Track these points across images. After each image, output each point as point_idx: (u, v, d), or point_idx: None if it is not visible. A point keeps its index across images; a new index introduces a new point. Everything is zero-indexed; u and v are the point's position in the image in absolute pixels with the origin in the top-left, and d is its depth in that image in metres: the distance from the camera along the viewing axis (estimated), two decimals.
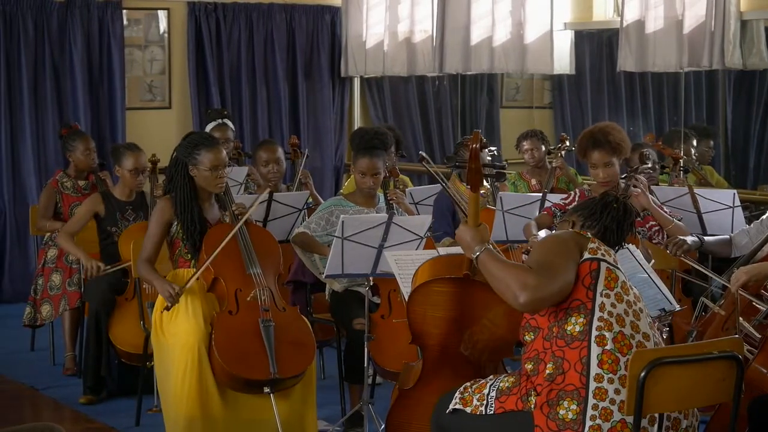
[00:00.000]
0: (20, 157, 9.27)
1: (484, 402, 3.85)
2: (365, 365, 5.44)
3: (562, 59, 9.11)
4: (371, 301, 5.54)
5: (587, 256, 3.78)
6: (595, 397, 3.66)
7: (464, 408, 3.89)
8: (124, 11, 9.66)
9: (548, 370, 3.72)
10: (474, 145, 3.93)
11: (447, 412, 3.94)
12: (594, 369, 3.67)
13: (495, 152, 7.14)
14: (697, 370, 3.68)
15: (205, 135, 5.70)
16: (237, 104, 10.09)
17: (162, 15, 9.90)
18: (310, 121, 10.46)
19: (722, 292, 5.28)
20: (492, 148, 7.09)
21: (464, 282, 4.18)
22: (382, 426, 5.42)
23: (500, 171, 6.68)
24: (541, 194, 6.57)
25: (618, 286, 3.79)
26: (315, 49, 10.41)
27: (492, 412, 3.82)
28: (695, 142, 8.36)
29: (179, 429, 5.11)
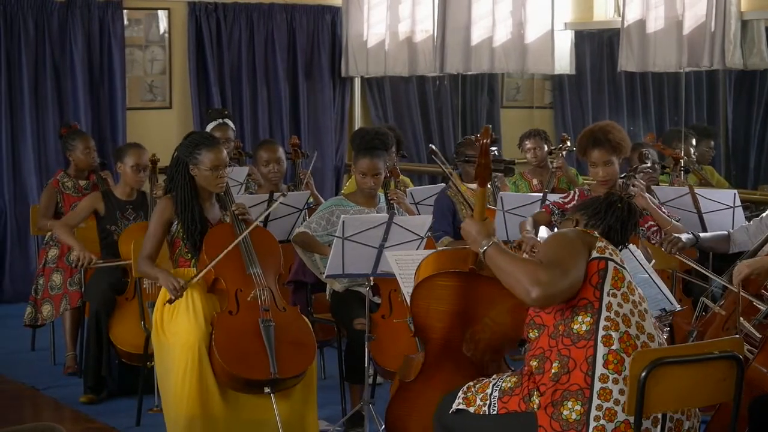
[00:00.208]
0: (21, 157, 9.27)
1: (487, 402, 3.84)
2: (366, 365, 5.44)
3: (563, 59, 9.10)
4: (372, 301, 5.53)
5: (595, 255, 3.78)
6: (599, 397, 3.66)
7: (467, 408, 3.89)
8: (125, 11, 9.66)
9: (554, 369, 3.72)
10: (484, 140, 3.92)
11: (450, 412, 3.93)
12: (599, 369, 3.67)
13: (496, 152, 7.13)
14: (697, 370, 3.68)
15: (206, 135, 5.70)
16: (237, 104, 10.08)
17: (162, 15, 9.90)
18: (311, 121, 10.46)
19: (723, 291, 5.28)
20: (492, 148, 7.06)
21: (469, 276, 4.16)
22: (383, 426, 5.42)
23: (509, 166, 6.67)
24: (541, 194, 6.57)
25: (624, 286, 3.78)
26: (315, 49, 10.41)
27: (495, 413, 3.82)
28: (695, 142, 8.36)
29: (179, 429, 5.11)
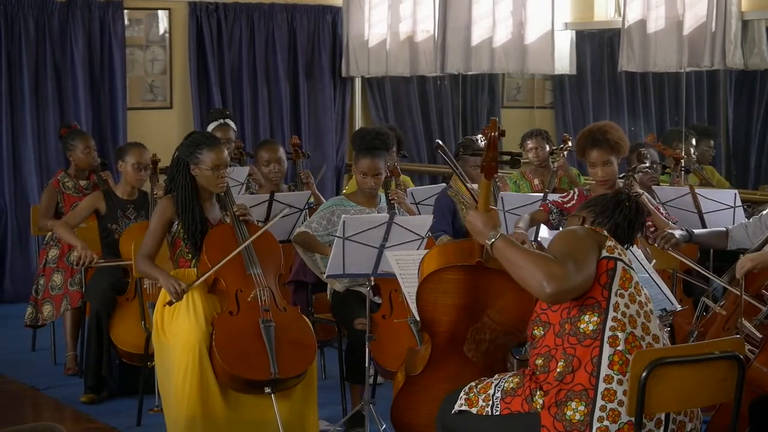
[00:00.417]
0: (21, 157, 9.27)
1: (490, 402, 3.83)
2: (366, 365, 5.44)
3: (563, 59, 9.10)
4: (372, 301, 5.53)
5: (605, 254, 3.75)
6: (603, 398, 3.65)
7: (470, 409, 3.87)
8: (126, 11, 9.66)
9: (559, 368, 3.70)
10: (492, 133, 3.89)
11: (452, 413, 3.92)
12: (604, 370, 3.66)
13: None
14: (698, 370, 3.68)
15: (207, 134, 5.71)
16: (238, 104, 10.08)
17: (163, 15, 9.90)
18: (311, 121, 10.46)
19: (723, 291, 5.28)
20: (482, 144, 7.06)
21: (476, 269, 4.12)
22: (384, 426, 5.43)
23: (516, 158, 6.67)
24: (542, 194, 6.57)
25: (632, 286, 3.77)
26: (316, 49, 10.42)
27: (498, 413, 3.81)
28: (695, 142, 8.36)
29: (180, 429, 5.10)
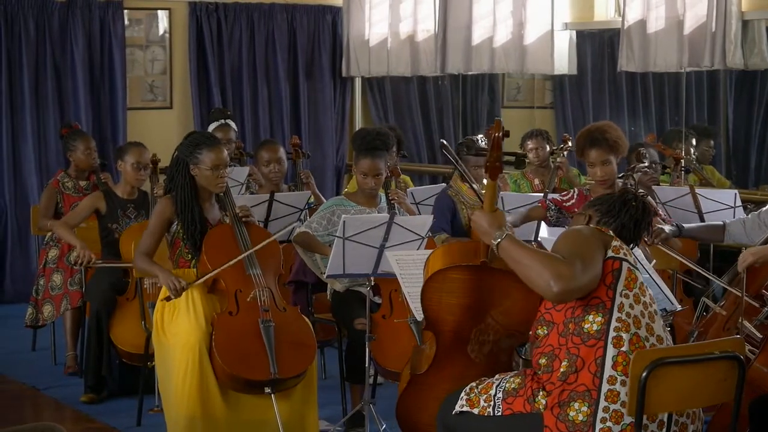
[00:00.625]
0: (21, 157, 9.27)
1: (491, 403, 3.82)
2: (366, 365, 5.44)
3: (563, 59, 9.10)
4: (372, 301, 5.53)
5: (611, 254, 3.74)
6: (606, 399, 3.64)
7: (471, 409, 3.86)
8: (126, 11, 9.66)
9: (562, 368, 3.70)
10: (496, 134, 3.88)
11: (453, 413, 3.90)
12: (608, 371, 3.66)
13: None
14: (698, 371, 3.68)
15: (207, 134, 5.71)
16: (238, 104, 10.08)
17: (163, 15, 9.90)
18: (312, 121, 10.46)
19: (726, 288, 5.27)
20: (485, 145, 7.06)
21: (481, 269, 4.11)
22: (384, 426, 5.43)
23: (521, 158, 6.68)
24: (542, 194, 6.57)
25: (637, 287, 3.76)
26: (316, 49, 10.41)
27: (500, 414, 3.80)
28: (695, 142, 8.36)
29: (180, 429, 5.10)
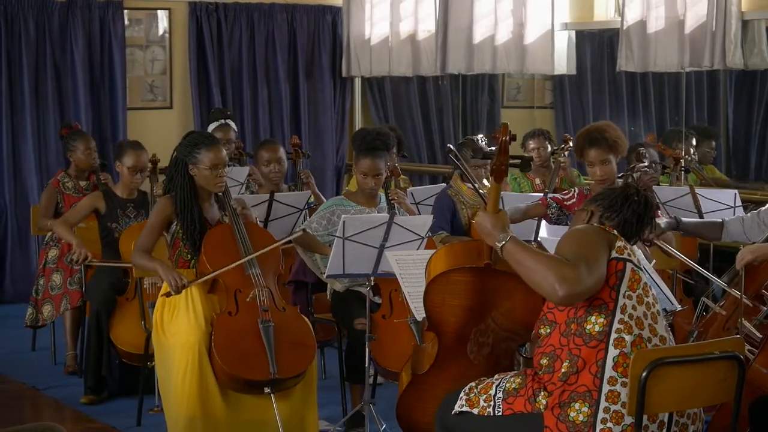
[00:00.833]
0: (21, 157, 9.27)
1: (491, 403, 3.81)
2: (366, 365, 5.44)
3: (562, 59, 9.10)
4: (372, 301, 5.53)
5: (615, 255, 3.73)
6: (607, 400, 3.64)
7: (471, 409, 3.85)
8: (126, 11, 9.65)
9: (563, 369, 3.69)
10: (504, 138, 3.87)
11: (453, 413, 3.89)
12: (608, 372, 3.65)
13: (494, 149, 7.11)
14: (698, 371, 3.68)
15: (205, 134, 5.71)
16: (238, 104, 10.08)
17: (163, 15, 9.89)
18: (311, 121, 10.45)
19: (724, 291, 5.27)
20: (492, 148, 7.07)
21: (484, 271, 4.10)
22: (384, 426, 5.43)
23: (526, 161, 6.66)
24: (542, 194, 6.56)
25: (640, 287, 3.75)
26: (316, 49, 10.41)
27: (500, 414, 3.78)
28: (695, 142, 8.36)
29: (180, 429, 5.10)
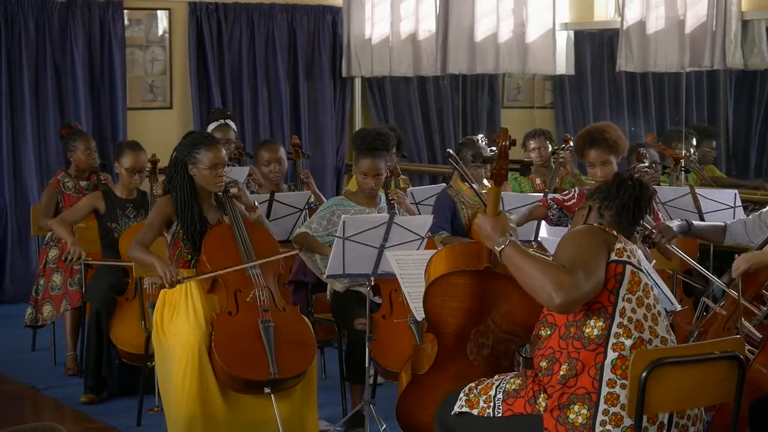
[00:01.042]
0: (21, 158, 9.26)
1: (491, 404, 3.81)
2: (366, 365, 5.44)
3: (561, 59, 9.10)
4: (372, 301, 5.53)
5: (614, 257, 3.72)
6: (606, 402, 3.64)
7: (471, 410, 3.85)
8: (126, 11, 9.65)
9: (562, 371, 3.69)
10: (503, 143, 3.88)
11: (452, 414, 3.89)
12: (607, 374, 3.65)
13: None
14: (698, 371, 3.68)
15: (205, 134, 5.71)
16: (238, 104, 10.08)
17: (163, 15, 9.89)
18: (311, 121, 10.45)
19: (724, 291, 5.27)
20: (492, 148, 7.07)
21: (484, 274, 4.10)
22: (384, 426, 5.43)
23: (527, 165, 6.65)
24: (542, 194, 6.57)
25: (640, 289, 3.74)
26: (316, 49, 10.41)
27: (500, 415, 3.78)
28: (695, 142, 8.36)
29: (180, 429, 5.11)
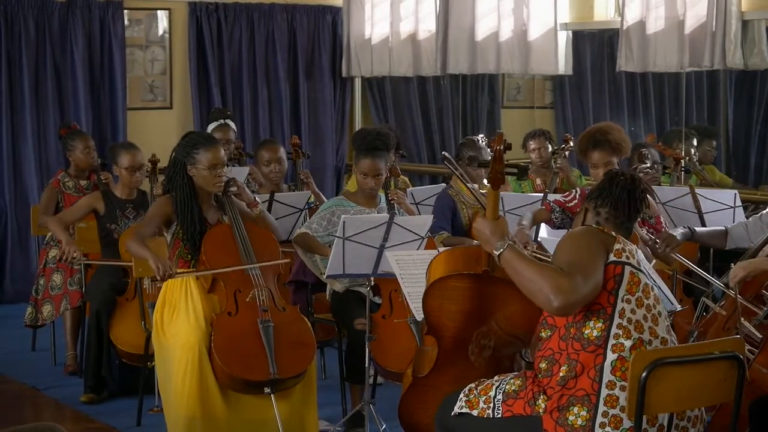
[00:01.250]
0: (21, 158, 9.26)
1: (491, 405, 3.81)
2: (366, 365, 5.44)
3: (561, 59, 9.10)
4: (372, 302, 5.53)
5: (612, 258, 3.72)
6: (605, 404, 3.64)
7: (470, 411, 3.85)
8: (126, 11, 9.65)
9: (562, 373, 3.70)
10: (498, 147, 3.92)
11: (452, 414, 3.89)
12: (607, 376, 3.65)
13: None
14: (698, 371, 3.68)
15: (204, 134, 5.72)
16: (238, 104, 10.08)
17: (163, 15, 9.89)
18: (311, 121, 10.46)
19: (725, 290, 5.27)
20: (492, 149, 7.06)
21: (482, 278, 4.11)
22: (384, 426, 5.43)
23: (524, 169, 6.65)
24: (542, 194, 6.56)
25: (639, 290, 3.74)
26: (316, 49, 10.41)
27: (500, 416, 3.79)
28: (695, 142, 8.36)
29: (180, 429, 5.10)
